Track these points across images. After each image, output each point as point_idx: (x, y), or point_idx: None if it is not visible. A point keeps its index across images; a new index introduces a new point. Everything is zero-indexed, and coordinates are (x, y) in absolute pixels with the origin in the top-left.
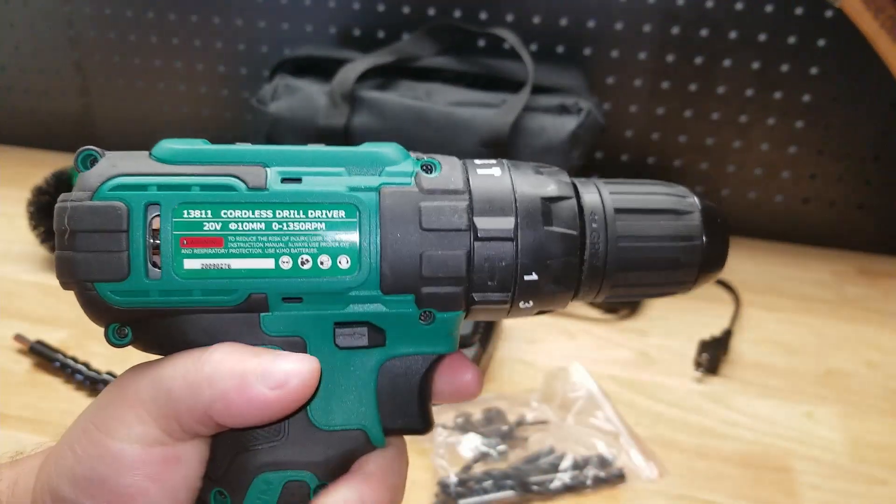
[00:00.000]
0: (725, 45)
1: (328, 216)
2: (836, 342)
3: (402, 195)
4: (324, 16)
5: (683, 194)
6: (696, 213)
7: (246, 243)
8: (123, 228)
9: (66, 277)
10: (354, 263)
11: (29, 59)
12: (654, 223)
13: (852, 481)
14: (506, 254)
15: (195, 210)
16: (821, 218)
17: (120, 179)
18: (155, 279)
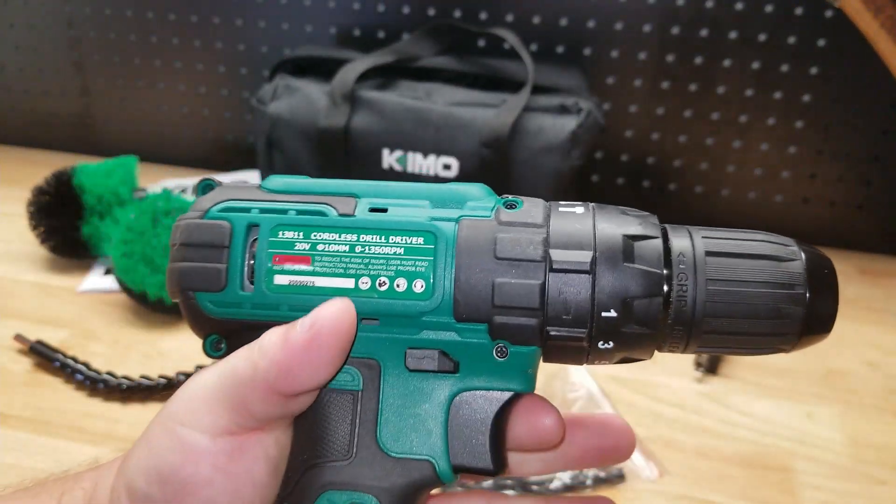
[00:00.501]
0: (725, 45)
1: (407, 242)
2: (837, 342)
3: (479, 226)
4: (324, 16)
5: (786, 242)
6: (798, 260)
7: (330, 263)
8: (225, 244)
9: (173, 286)
10: (429, 288)
11: (29, 59)
12: (749, 267)
13: (852, 481)
14: (581, 287)
15: (289, 231)
16: (821, 218)
17: (228, 203)
18: (248, 292)
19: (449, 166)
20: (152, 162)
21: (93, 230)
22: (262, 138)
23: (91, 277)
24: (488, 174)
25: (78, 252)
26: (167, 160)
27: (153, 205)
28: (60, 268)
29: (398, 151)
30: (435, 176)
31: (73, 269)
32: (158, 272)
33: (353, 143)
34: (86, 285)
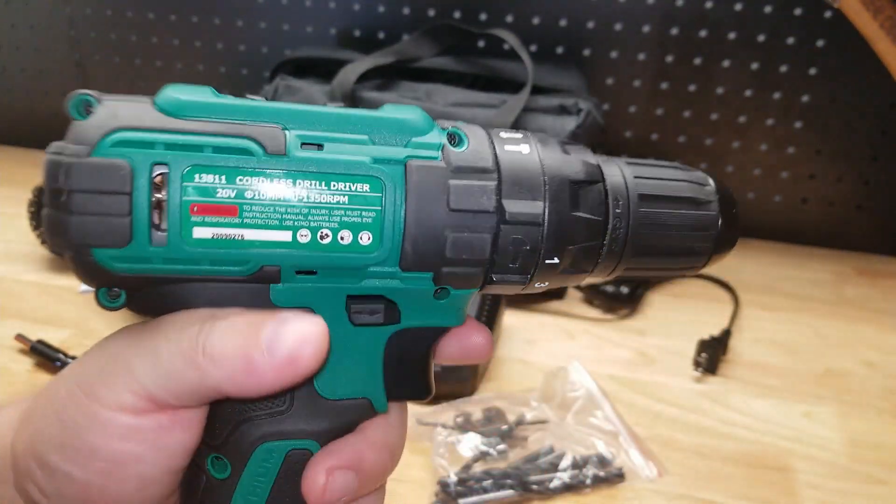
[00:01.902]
0: (724, 46)
1: (352, 189)
2: (835, 342)
3: (429, 171)
4: (324, 17)
5: (703, 181)
6: (714, 202)
7: (262, 214)
8: (127, 191)
9: (61, 240)
10: (376, 241)
11: (30, 59)
12: (674, 212)
13: (851, 481)
14: (532, 238)
15: (208, 174)
16: (819, 218)
17: (123, 134)
18: (160, 245)
19: None
20: None
21: None
22: None
23: None
24: None
25: None
26: None
27: None
28: (61, 268)
29: None
30: None
31: None
32: None
33: None
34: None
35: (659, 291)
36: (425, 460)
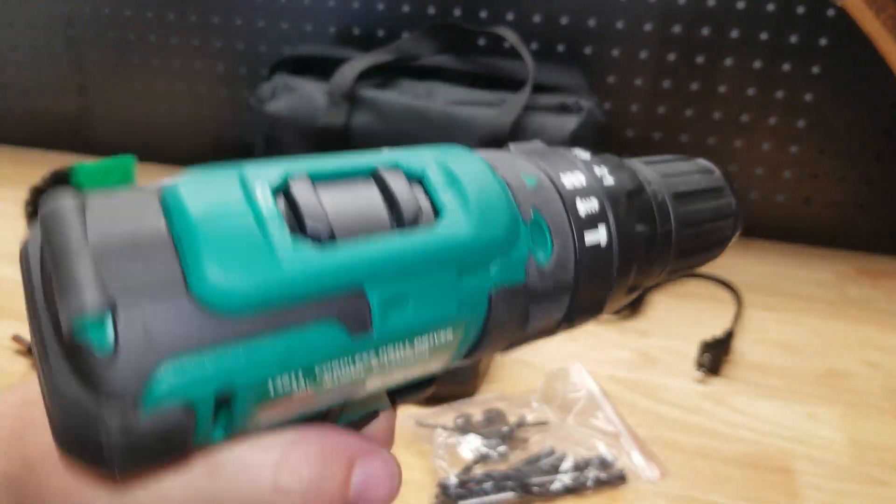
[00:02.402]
0: (727, 44)
1: (434, 341)
2: (838, 342)
3: (511, 299)
4: (323, 15)
5: (710, 169)
6: (726, 187)
7: (340, 389)
8: (189, 441)
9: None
10: (444, 366)
11: (27, 58)
12: (704, 206)
13: (854, 482)
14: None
15: (283, 378)
16: (822, 218)
17: (172, 371)
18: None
19: None
20: (150, 161)
21: None
22: (260, 137)
23: None
24: None
25: None
26: (165, 160)
27: None
28: None
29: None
30: None
31: None
32: None
33: (353, 142)
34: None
35: (661, 292)
36: (425, 462)
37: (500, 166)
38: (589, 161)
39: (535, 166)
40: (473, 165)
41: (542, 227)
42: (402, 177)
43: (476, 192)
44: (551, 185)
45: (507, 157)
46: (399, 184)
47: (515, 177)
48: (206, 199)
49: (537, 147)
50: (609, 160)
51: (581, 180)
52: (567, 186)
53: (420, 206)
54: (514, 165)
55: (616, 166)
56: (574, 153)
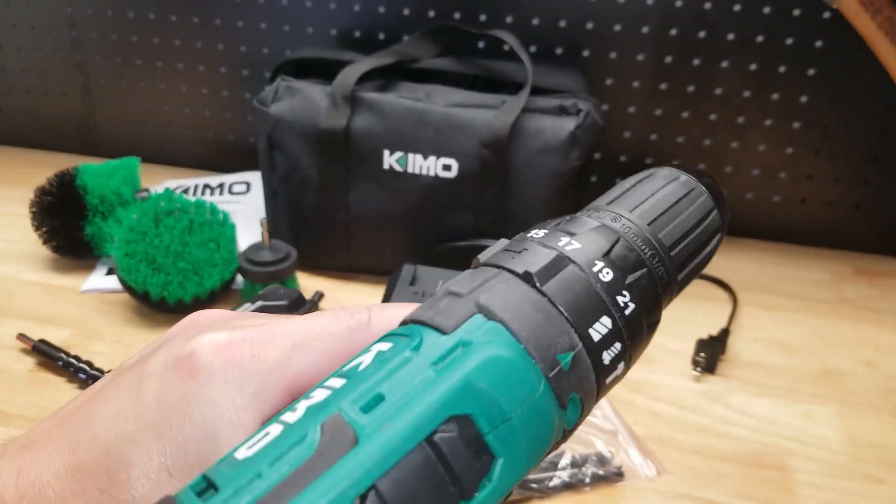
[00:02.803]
0: (723, 47)
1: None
2: (834, 341)
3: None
4: (325, 18)
5: (672, 175)
6: (695, 186)
7: None
8: None
9: None
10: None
11: (31, 59)
12: (682, 217)
13: (850, 480)
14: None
15: None
16: (818, 218)
17: None
18: None
19: (449, 167)
20: (154, 163)
21: (95, 230)
22: (263, 139)
23: (94, 277)
24: (488, 175)
25: (80, 252)
26: (169, 161)
27: (155, 205)
28: (63, 268)
29: (398, 152)
30: (435, 176)
31: (76, 269)
32: (160, 272)
33: (354, 144)
34: (88, 285)
35: None
36: None
37: (539, 352)
38: (607, 272)
39: (568, 328)
40: (517, 388)
41: (575, 402)
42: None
43: (524, 425)
44: (583, 350)
45: (544, 329)
46: (454, 454)
47: (553, 362)
48: None
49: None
50: (619, 250)
51: (607, 324)
52: (595, 341)
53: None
54: (551, 345)
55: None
56: (595, 264)
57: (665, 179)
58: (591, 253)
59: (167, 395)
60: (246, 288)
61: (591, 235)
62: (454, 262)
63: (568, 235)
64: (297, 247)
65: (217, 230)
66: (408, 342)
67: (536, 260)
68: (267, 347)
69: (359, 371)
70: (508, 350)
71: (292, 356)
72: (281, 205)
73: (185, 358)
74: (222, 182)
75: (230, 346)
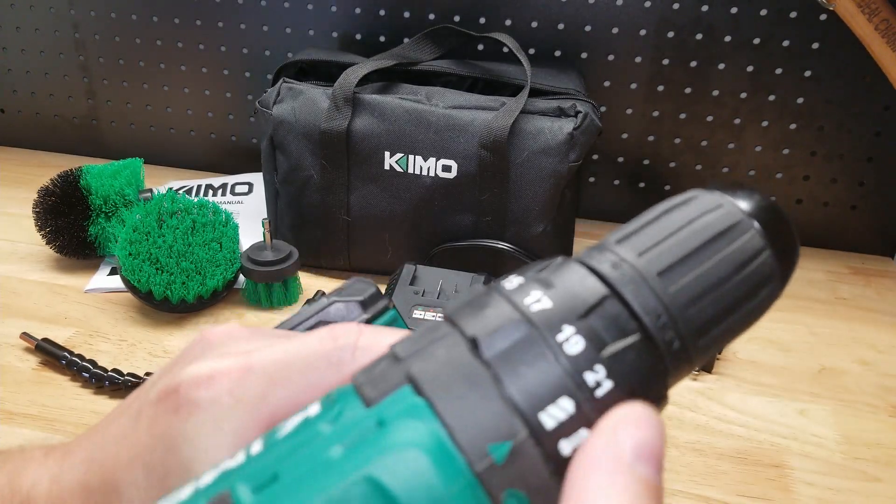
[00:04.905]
0: (720, 49)
1: None
2: (830, 341)
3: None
4: (326, 20)
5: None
6: (742, 217)
7: None
8: None
9: None
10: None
11: (34, 61)
12: (710, 265)
13: (846, 478)
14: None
15: None
16: (814, 218)
17: None
18: None
19: (449, 168)
20: (157, 164)
21: (99, 231)
22: (265, 140)
23: (97, 277)
24: (487, 176)
25: (84, 252)
26: (172, 162)
27: (159, 206)
28: (67, 268)
29: (399, 153)
30: (435, 177)
31: (80, 268)
32: (164, 272)
33: (355, 145)
34: (92, 285)
35: None
36: None
37: (466, 439)
38: (576, 341)
39: (509, 413)
40: (430, 492)
41: (518, 499)
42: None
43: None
44: (529, 439)
45: (478, 412)
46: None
47: (482, 454)
48: None
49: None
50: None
51: (568, 407)
52: (547, 430)
53: None
54: (482, 432)
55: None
56: (563, 330)
57: (700, 209)
58: (562, 315)
59: (156, 427)
60: (248, 287)
61: (571, 290)
62: (454, 262)
63: (543, 288)
64: (299, 247)
65: (220, 230)
66: (330, 410)
67: (491, 322)
68: (246, 382)
69: (277, 438)
70: (426, 437)
71: (269, 392)
72: (283, 205)
73: (172, 391)
74: (225, 183)
75: (210, 381)
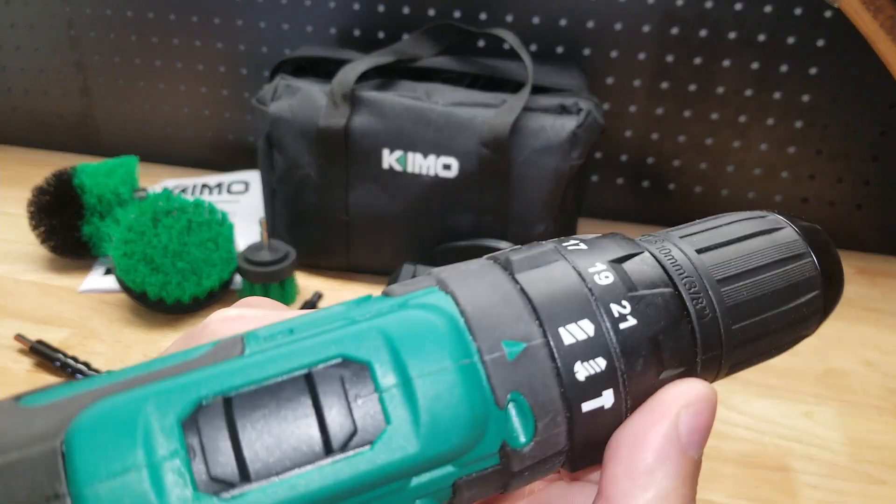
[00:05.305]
0: (725, 46)
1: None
2: (835, 342)
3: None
4: (324, 16)
5: (777, 225)
6: (805, 251)
7: None
8: None
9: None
10: None
11: (30, 59)
12: (765, 286)
13: (851, 481)
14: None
15: None
16: (820, 218)
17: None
18: None
19: (449, 166)
20: (153, 162)
21: (93, 230)
22: (262, 138)
23: (92, 277)
24: (488, 174)
25: (78, 252)
26: (167, 160)
27: (154, 205)
28: (61, 268)
29: (398, 151)
30: (435, 175)
31: (74, 268)
32: (159, 272)
33: (353, 143)
34: (86, 285)
35: None
36: None
37: (481, 329)
38: (606, 275)
39: (529, 318)
40: (434, 351)
41: (521, 408)
42: (337, 383)
43: (429, 393)
44: (544, 347)
45: (498, 310)
46: (332, 397)
47: (495, 346)
48: (99, 457)
49: (542, 258)
50: (638, 263)
51: (588, 330)
52: (565, 344)
53: (354, 424)
54: (498, 327)
55: (641, 271)
56: (595, 265)
57: (781, 252)
58: (595, 256)
59: None
60: (245, 288)
61: (605, 243)
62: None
63: (582, 243)
64: (296, 246)
65: (215, 230)
66: (356, 303)
67: (527, 253)
68: (274, 321)
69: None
70: (443, 316)
71: None
72: (280, 204)
73: (198, 329)
74: (221, 181)
75: (239, 318)
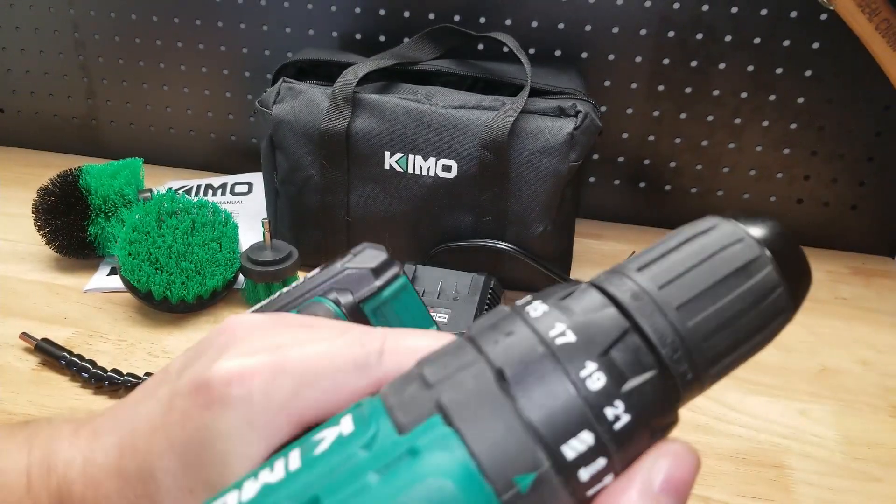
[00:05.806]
0: (720, 48)
1: None
2: (831, 341)
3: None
4: (326, 20)
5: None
6: (761, 254)
7: None
8: None
9: None
10: None
11: (34, 61)
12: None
13: (846, 478)
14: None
15: None
16: (815, 218)
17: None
18: None
19: (449, 168)
20: (157, 163)
21: (98, 231)
22: (265, 140)
23: (97, 277)
24: (487, 176)
25: (84, 252)
26: (172, 162)
27: (158, 206)
28: (66, 267)
29: (399, 153)
30: (435, 177)
31: (79, 268)
32: (163, 272)
33: (355, 145)
34: (91, 285)
35: None
36: None
37: (493, 471)
38: (598, 377)
39: (534, 446)
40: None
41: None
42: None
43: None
44: (551, 469)
45: (504, 445)
46: None
47: (508, 484)
48: None
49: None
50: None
51: (588, 440)
52: (569, 460)
53: None
54: (509, 464)
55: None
56: (585, 365)
57: (721, 242)
58: (586, 350)
59: (189, 421)
60: (248, 288)
61: (593, 322)
62: (454, 262)
63: (566, 318)
64: (299, 247)
65: (219, 230)
66: (364, 431)
67: (517, 353)
68: (277, 382)
69: (313, 456)
70: (456, 467)
71: (299, 392)
72: (282, 205)
73: (203, 386)
74: (224, 183)
75: (242, 380)
